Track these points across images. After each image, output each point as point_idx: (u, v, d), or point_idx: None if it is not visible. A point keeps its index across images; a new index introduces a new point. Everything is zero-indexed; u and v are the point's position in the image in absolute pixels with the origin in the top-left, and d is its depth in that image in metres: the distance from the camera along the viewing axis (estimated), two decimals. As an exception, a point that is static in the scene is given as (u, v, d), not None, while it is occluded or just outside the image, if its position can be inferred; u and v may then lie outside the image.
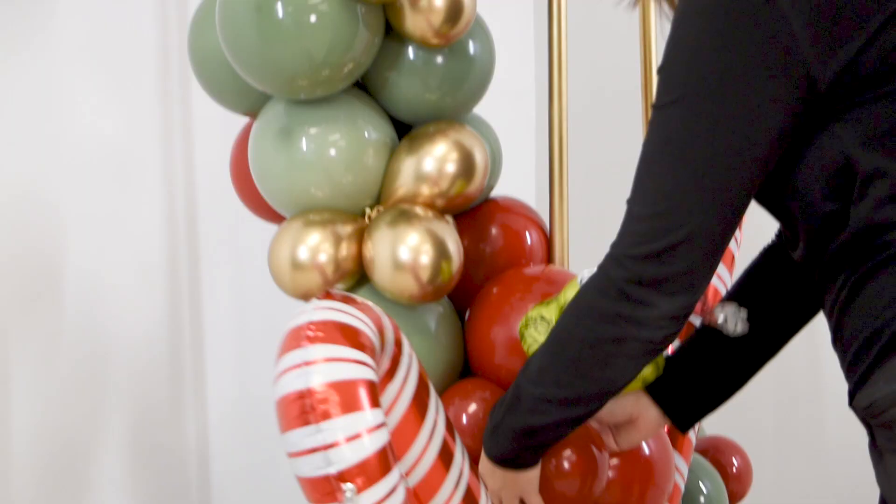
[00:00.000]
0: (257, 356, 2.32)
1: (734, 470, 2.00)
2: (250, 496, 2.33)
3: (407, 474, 1.31)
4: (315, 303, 1.20)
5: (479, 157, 1.70)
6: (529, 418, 1.37)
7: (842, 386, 1.45)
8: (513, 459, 1.43)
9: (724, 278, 1.89)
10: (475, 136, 1.71)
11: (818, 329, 1.51)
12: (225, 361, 2.44)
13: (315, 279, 1.66)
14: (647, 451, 1.68)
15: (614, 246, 1.28)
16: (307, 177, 1.68)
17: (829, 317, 1.31)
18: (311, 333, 1.16)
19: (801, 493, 2.90)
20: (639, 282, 1.25)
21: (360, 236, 1.68)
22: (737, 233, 1.70)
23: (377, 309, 1.25)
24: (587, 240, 1.95)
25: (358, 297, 1.24)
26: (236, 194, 1.89)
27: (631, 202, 1.27)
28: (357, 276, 1.70)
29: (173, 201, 2.38)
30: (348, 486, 1.12)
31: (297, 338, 1.16)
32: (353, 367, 1.15)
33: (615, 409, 1.52)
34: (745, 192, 1.24)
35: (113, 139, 2.25)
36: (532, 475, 1.47)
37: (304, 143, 1.67)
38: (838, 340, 1.30)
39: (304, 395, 1.12)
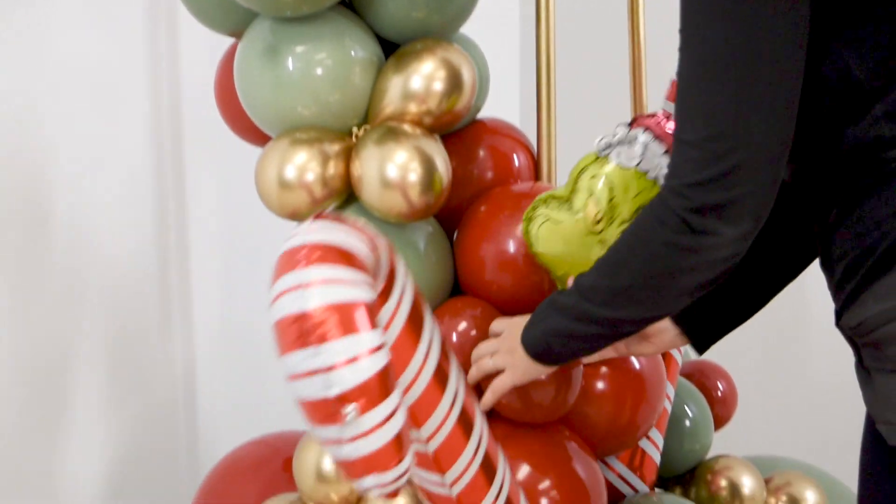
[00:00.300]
0: (244, 277, 2.32)
1: (719, 394, 2.02)
2: (238, 418, 2.33)
3: (403, 395, 1.31)
4: (309, 224, 1.18)
5: (467, 75, 1.69)
6: (572, 325, 1.36)
7: (827, 309, 1.45)
8: (541, 354, 1.43)
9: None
10: (462, 54, 1.69)
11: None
12: (211, 283, 2.44)
13: (303, 198, 1.65)
14: (639, 367, 1.69)
15: (669, 177, 1.23)
16: (293, 95, 1.67)
17: (819, 237, 1.31)
18: (306, 255, 1.14)
19: (785, 417, 2.93)
20: (700, 210, 1.20)
21: (348, 155, 1.67)
22: None
23: (371, 229, 1.23)
24: (574, 161, 1.95)
25: (351, 217, 1.22)
26: (221, 117, 1.87)
27: (679, 131, 1.22)
28: (345, 195, 1.69)
29: (160, 123, 2.36)
30: (349, 408, 1.11)
31: (292, 259, 1.14)
32: (351, 288, 1.13)
33: None
34: (794, 96, 1.20)
35: (100, 60, 2.22)
36: (543, 370, 1.47)
37: (290, 62, 1.65)
38: (827, 260, 1.30)
39: (301, 318, 1.11)
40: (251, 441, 1.89)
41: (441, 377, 1.34)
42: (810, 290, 2.83)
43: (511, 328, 1.51)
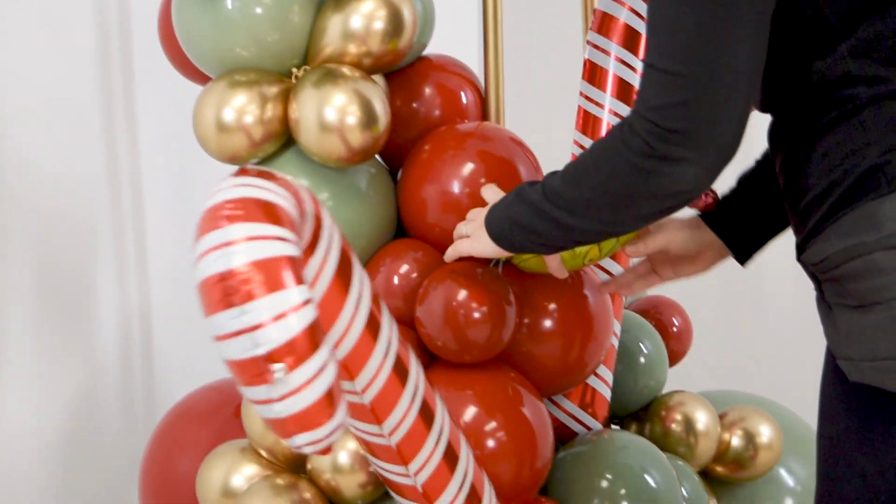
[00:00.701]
0: (197, 213, 2.29)
1: (675, 329, 2.00)
2: (194, 362, 2.32)
3: (335, 347, 1.29)
4: (230, 180, 1.16)
5: (408, 14, 1.66)
6: (533, 219, 1.36)
7: (784, 244, 1.44)
8: (499, 237, 1.43)
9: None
10: (403, -7, 1.66)
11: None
12: (165, 223, 2.41)
13: (241, 141, 1.64)
14: (587, 303, 1.68)
15: (637, 102, 1.22)
16: (232, 36, 1.65)
17: (781, 171, 1.30)
18: (229, 212, 1.12)
19: (740, 352, 2.93)
20: (663, 136, 1.19)
21: (287, 97, 1.65)
22: None
23: (295, 182, 1.21)
24: (522, 98, 1.93)
25: (275, 172, 1.20)
26: (165, 56, 1.84)
27: (648, 56, 1.21)
28: (284, 138, 1.67)
29: (109, 57, 2.32)
30: (277, 367, 1.10)
31: (214, 218, 1.12)
32: (275, 245, 1.11)
33: (689, 244, 1.52)
34: (765, 29, 1.19)
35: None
36: (502, 253, 1.47)
37: (228, 1, 1.63)
38: (789, 194, 1.29)
39: (225, 277, 1.09)
40: (205, 387, 1.89)
41: (373, 327, 1.32)
42: None
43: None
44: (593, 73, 1.80)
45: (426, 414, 1.41)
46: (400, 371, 1.36)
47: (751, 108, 1.21)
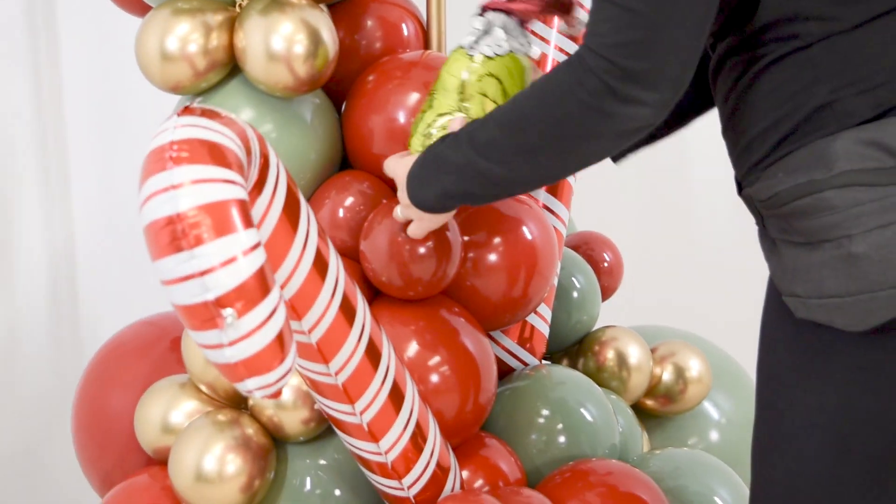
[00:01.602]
0: (123, 150, 2.25)
1: (606, 265, 2.00)
2: (123, 298, 2.29)
3: (282, 287, 1.28)
4: (175, 120, 1.13)
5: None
6: (465, 184, 1.32)
7: (711, 172, 1.43)
8: (433, 208, 1.39)
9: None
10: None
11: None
12: (88, 154, 2.36)
13: (185, 71, 1.60)
14: (534, 239, 1.67)
15: (589, 35, 1.19)
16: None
17: (724, 103, 1.29)
18: (174, 154, 1.09)
19: (671, 286, 2.95)
20: (623, 75, 1.16)
21: (232, 25, 1.61)
22: None
23: (241, 121, 1.18)
24: (464, 29, 1.89)
25: (220, 110, 1.16)
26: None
27: None
28: (228, 67, 1.64)
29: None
30: (228, 311, 1.08)
31: (160, 159, 1.09)
32: (223, 187, 1.09)
33: None
34: None
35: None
36: (448, 216, 1.45)
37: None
38: (731, 128, 1.28)
39: (173, 221, 1.06)
40: (139, 321, 1.85)
41: (321, 266, 1.31)
42: (695, 161, 2.85)
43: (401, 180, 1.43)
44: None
45: (373, 353, 1.40)
46: (347, 310, 1.35)
47: (703, 45, 1.19)
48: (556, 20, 1.77)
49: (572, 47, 1.79)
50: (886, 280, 1.16)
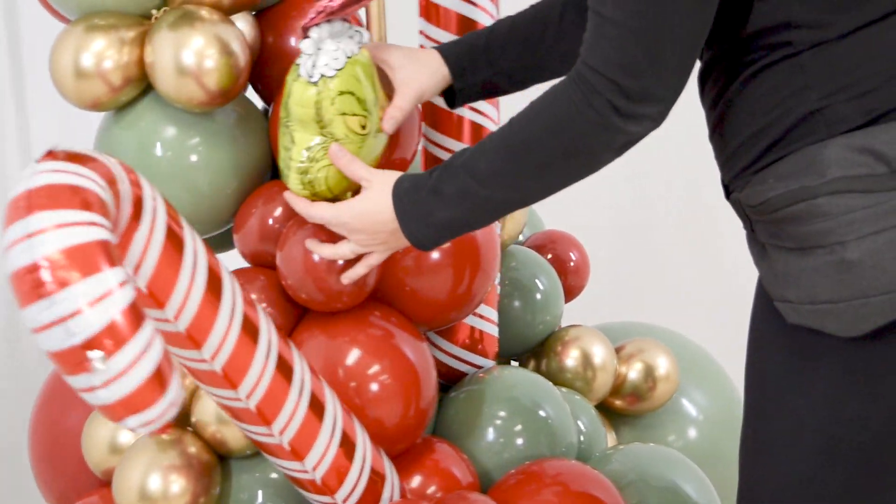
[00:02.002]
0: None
1: (572, 264, 1.99)
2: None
3: (176, 317, 1.28)
4: (35, 166, 1.14)
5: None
6: (467, 215, 1.34)
7: (675, 174, 1.42)
8: (430, 245, 1.39)
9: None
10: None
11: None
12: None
13: (100, 88, 1.60)
14: (475, 236, 1.66)
15: (590, 53, 1.22)
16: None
17: (712, 108, 1.31)
18: (34, 201, 1.10)
19: (636, 287, 2.93)
20: (629, 94, 1.21)
21: (144, 40, 1.60)
22: None
23: (107, 159, 1.19)
24: (402, 28, 1.88)
25: (84, 150, 1.17)
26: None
27: (603, 8, 1.20)
28: (144, 83, 1.63)
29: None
30: (95, 354, 1.09)
31: (19, 207, 1.10)
32: (84, 230, 1.09)
33: (437, 88, 1.50)
34: None
35: None
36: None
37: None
38: (719, 133, 1.30)
39: (33, 269, 1.07)
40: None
41: (214, 288, 1.31)
42: (659, 161, 2.81)
43: (364, 221, 1.41)
44: (428, 10, 1.75)
45: (284, 370, 1.40)
46: (250, 330, 1.35)
47: (696, 57, 1.24)
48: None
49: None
50: (879, 286, 1.19)
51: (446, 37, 1.72)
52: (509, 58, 1.51)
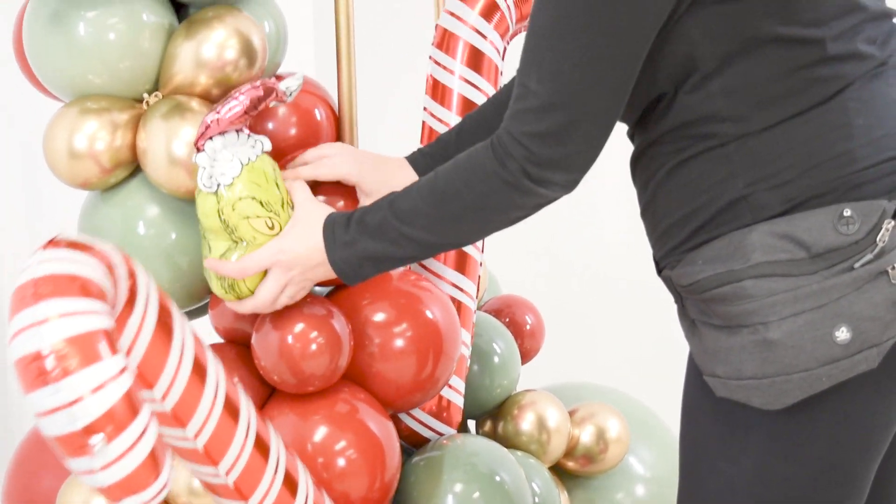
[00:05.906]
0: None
1: (528, 328, 2.07)
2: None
3: (164, 397, 1.34)
4: (38, 255, 1.20)
5: (257, 42, 1.68)
6: (389, 248, 1.43)
7: (626, 238, 1.50)
8: (352, 276, 1.48)
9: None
10: (252, 22, 1.69)
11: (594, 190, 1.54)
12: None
13: (91, 168, 1.65)
14: (436, 322, 1.72)
15: (511, 120, 1.32)
16: (83, 63, 1.66)
17: (643, 189, 1.39)
18: (38, 290, 1.16)
19: (591, 348, 3.03)
20: (539, 162, 1.31)
21: (137, 123, 1.67)
22: None
23: (104, 246, 1.25)
24: (375, 118, 1.95)
25: (84, 239, 1.24)
26: (22, 73, 1.84)
27: (524, 76, 1.30)
28: (134, 165, 1.69)
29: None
30: (96, 438, 1.15)
31: (24, 296, 1.16)
32: (86, 319, 1.16)
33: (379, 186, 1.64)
34: (637, 65, 1.28)
35: None
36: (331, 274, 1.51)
37: (79, 28, 1.64)
38: (650, 212, 1.39)
39: (38, 357, 1.14)
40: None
41: (199, 371, 1.38)
42: (612, 222, 2.90)
43: (289, 255, 1.51)
44: (436, 90, 1.84)
45: (261, 447, 1.46)
46: (231, 410, 1.42)
47: (610, 133, 1.32)
48: (455, 100, 1.83)
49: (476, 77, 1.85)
50: (798, 364, 1.27)
51: (448, 115, 1.83)
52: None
